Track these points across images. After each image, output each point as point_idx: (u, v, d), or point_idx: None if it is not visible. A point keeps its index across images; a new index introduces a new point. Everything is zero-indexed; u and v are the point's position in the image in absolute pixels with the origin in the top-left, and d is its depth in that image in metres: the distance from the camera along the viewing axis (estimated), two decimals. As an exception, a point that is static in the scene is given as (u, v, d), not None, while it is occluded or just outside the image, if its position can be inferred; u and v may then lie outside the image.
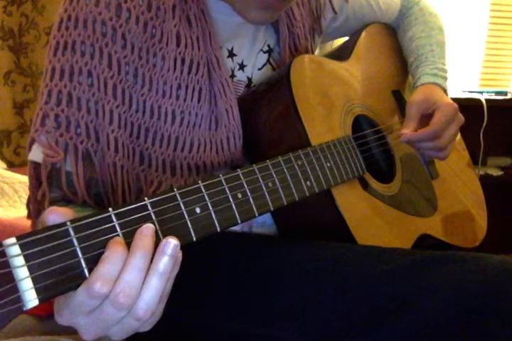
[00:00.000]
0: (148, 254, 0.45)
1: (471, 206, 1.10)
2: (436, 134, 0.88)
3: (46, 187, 0.68)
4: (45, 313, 0.95)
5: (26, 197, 0.75)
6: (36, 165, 0.69)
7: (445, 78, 0.99)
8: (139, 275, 0.44)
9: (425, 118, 0.91)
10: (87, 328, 0.46)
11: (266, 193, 0.61)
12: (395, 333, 0.60)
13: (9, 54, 1.99)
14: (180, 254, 0.47)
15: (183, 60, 0.73)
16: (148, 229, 0.46)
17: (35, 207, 0.71)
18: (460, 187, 1.10)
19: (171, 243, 0.46)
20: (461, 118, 0.92)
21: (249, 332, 0.68)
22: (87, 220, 0.43)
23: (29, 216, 0.73)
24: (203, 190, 0.53)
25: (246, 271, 0.72)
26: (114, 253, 0.44)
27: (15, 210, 1.59)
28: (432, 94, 0.94)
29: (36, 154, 0.69)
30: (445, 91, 0.97)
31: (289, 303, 0.67)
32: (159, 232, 0.48)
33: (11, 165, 2.02)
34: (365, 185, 0.82)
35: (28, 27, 2.00)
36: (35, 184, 0.70)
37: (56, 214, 0.43)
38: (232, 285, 0.72)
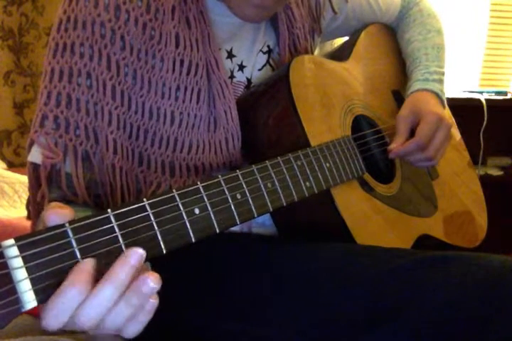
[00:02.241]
0: (123, 288, 0.43)
1: (471, 206, 1.10)
2: (422, 145, 0.88)
3: (45, 188, 0.68)
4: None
5: (26, 197, 0.75)
6: (36, 167, 0.69)
7: (438, 80, 0.98)
8: (105, 307, 0.43)
9: (415, 130, 0.91)
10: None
11: (265, 194, 0.61)
12: (395, 333, 0.60)
13: (9, 54, 1.99)
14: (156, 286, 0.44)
15: (181, 62, 0.73)
16: (136, 257, 0.44)
17: (35, 208, 0.71)
18: (460, 187, 1.10)
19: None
20: (446, 124, 0.91)
21: (249, 332, 0.68)
22: (86, 221, 0.43)
23: (29, 217, 0.74)
24: (202, 191, 0.53)
25: (245, 272, 0.72)
26: (72, 290, 0.41)
27: (15, 210, 1.59)
28: (417, 105, 0.93)
29: (36, 155, 0.69)
30: (437, 93, 0.96)
31: (289, 303, 0.67)
32: (158, 233, 0.48)
33: (11, 165, 2.02)
34: (365, 186, 0.82)
35: (28, 27, 2.00)
36: (34, 185, 0.70)
37: (56, 215, 0.43)
38: (232, 285, 0.72)
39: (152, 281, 0.43)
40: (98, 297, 0.42)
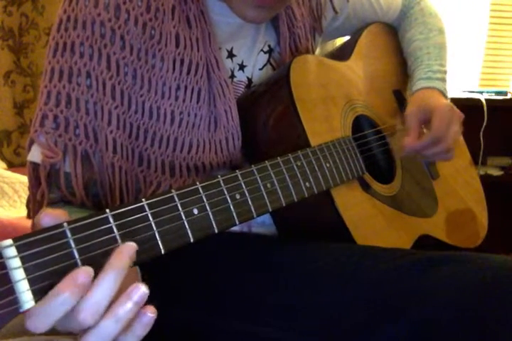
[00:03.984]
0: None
1: (473, 204, 1.09)
2: (438, 138, 0.88)
3: (45, 187, 0.68)
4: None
5: (26, 197, 0.75)
6: (35, 166, 0.70)
7: (441, 79, 0.98)
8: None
9: (425, 125, 0.92)
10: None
11: (264, 194, 0.61)
12: (395, 333, 0.60)
13: (9, 54, 1.99)
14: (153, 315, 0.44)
15: (182, 61, 0.73)
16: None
17: (35, 208, 0.71)
18: (462, 185, 1.09)
19: (140, 289, 0.43)
20: (458, 115, 0.92)
21: (249, 332, 0.68)
22: (84, 221, 0.43)
23: (29, 216, 0.74)
24: (201, 191, 0.53)
25: (245, 272, 0.72)
26: (61, 295, 0.40)
27: (15, 210, 1.59)
28: (425, 100, 0.93)
29: (35, 155, 0.69)
30: (442, 91, 0.96)
31: (289, 303, 0.67)
32: (156, 233, 0.48)
33: (11, 165, 2.02)
34: (365, 186, 0.82)
35: (28, 27, 2.01)
36: (34, 184, 0.70)
37: (50, 218, 0.42)
38: (232, 285, 0.72)
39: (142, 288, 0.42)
40: (94, 295, 0.41)
